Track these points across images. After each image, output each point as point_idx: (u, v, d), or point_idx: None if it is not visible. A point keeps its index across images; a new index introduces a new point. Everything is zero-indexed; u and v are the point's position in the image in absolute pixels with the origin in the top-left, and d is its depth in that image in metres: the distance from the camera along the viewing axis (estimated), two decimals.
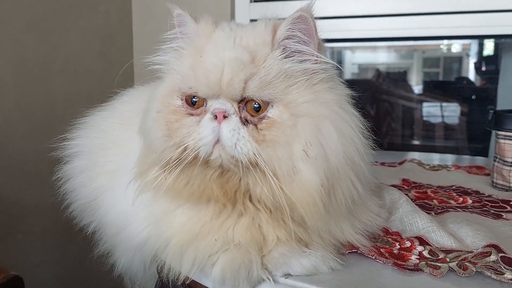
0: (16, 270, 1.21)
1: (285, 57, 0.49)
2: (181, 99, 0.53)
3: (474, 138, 1.95)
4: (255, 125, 0.49)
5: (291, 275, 0.52)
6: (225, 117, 0.48)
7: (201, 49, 0.52)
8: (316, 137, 0.47)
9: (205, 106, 0.50)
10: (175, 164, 0.50)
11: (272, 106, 0.48)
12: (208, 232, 0.51)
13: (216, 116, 0.49)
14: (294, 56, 0.50)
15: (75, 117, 1.40)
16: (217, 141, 0.49)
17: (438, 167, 1.10)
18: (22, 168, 1.24)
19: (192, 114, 0.51)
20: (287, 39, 0.49)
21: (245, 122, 0.49)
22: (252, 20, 1.57)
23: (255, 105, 0.49)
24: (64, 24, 1.35)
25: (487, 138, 1.68)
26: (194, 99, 0.52)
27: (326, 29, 0.52)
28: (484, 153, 1.69)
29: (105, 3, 1.52)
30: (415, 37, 1.56)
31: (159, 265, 0.56)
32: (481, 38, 1.78)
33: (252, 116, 0.49)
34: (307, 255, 0.52)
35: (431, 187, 0.90)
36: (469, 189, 0.88)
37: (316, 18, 0.49)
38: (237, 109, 0.49)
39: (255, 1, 1.59)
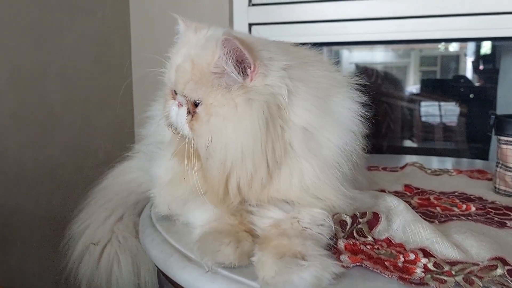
0: (15, 279, 1.21)
1: (215, 68, 0.59)
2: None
3: (474, 140, 1.94)
4: (192, 115, 0.62)
5: None
6: (181, 105, 0.63)
7: (176, 51, 0.66)
8: (217, 134, 0.58)
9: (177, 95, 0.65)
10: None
11: (201, 105, 0.60)
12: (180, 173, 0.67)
13: (178, 103, 0.64)
14: (221, 69, 0.59)
15: (73, 123, 1.39)
16: (176, 121, 0.64)
17: (440, 171, 1.09)
18: (19, 176, 1.23)
19: (173, 98, 0.66)
20: (218, 58, 0.58)
21: (189, 112, 0.62)
22: (250, 24, 1.57)
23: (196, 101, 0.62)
24: (60, 29, 1.34)
25: (487, 140, 1.67)
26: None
27: (325, 33, 0.53)
28: (484, 155, 1.68)
29: (102, 7, 1.51)
30: (415, 40, 1.56)
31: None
32: (480, 40, 1.78)
33: (193, 108, 0.62)
34: (306, 267, 0.51)
35: (433, 193, 0.89)
36: (472, 195, 0.88)
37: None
38: (186, 102, 0.62)
39: (253, 5, 1.58)
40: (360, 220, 0.67)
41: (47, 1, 1.28)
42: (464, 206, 0.81)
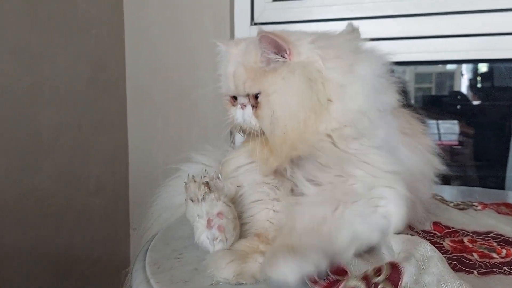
0: None
1: (261, 62, 0.70)
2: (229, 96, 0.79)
3: (486, 166, 1.84)
4: (256, 107, 0.72)
5: None
6: (245, 105, 0.73)
7: (226, 65, 0.76)
8: (276, 105, 0.69)
9: (237, 100, 0.76)
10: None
11: (260, 94, 0.71)
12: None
13: (241, 106, 0.74)
14: (266, 60, 0.70)
15: (63, 149, 1.30)
16: (244, 119, 0.74)
17: (463, 204, 1.00)
18: (4, 207, 1.13)
19: (233, 105, 0.77)
20: (262, 53, 0.70)
21: (252, 106, 0.72)
22: None
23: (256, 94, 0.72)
24: (52, 50, 1.26)
25: (502, 167, 1.59)
26: (234, 97, 0.77)
27: None
28: (499, 183, 1.59)
29: (96, 27, 1.43)
30: (426, 61, 1.49)
31: None
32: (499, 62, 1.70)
33: (254, 101, 0.72)
34: (291, 255, 0.57)
35: (466, 234, 0.79)
36: (509, 237, 0.78)
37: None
38: (248, 100, 0.73)
39: (255, 24, 1.50)
40: (377, 279, 0.56)
41: (37, 21, 1.20)
42: (504, 251, 0.71)
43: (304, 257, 0.56)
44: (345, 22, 1.42)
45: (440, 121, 1.92)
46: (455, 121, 1.92)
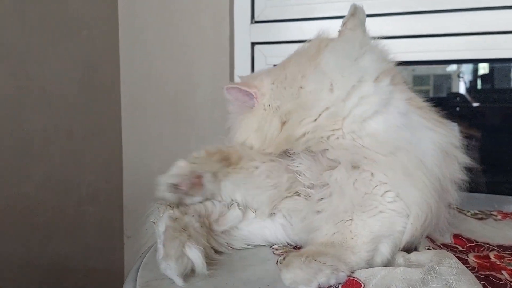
0: None
1: (236, 110, 0.81)
2: None
3: (491, 171, 1.77)
4: None
5: None
6: None
7: None
8: (237, 131, 0.79)
9: None
10: None
11: None
12: None
13: None
14: (239, 106, 0.80)
15: (53, 156, 1.24)
16: None
17: (481, 214, 0.93)
18: None
19: None
20: (233, 104, 0.80)
21: None
22: (253, 43, 1.43)
23: None
24: (41, 52, 1.19)
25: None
26: None
27: None
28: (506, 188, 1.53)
29: (88, 27, 1.36)
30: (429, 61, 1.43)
31: None
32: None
33: None
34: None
35: (492, 248, 0.73)
36: None
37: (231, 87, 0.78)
38: None
39: (256, 22, 1.44)
40: None
41: (24, 23, 1.14)
42: None
43: (318, 266, 0.56)
44: None
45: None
46: (455, 123, 1.86)
